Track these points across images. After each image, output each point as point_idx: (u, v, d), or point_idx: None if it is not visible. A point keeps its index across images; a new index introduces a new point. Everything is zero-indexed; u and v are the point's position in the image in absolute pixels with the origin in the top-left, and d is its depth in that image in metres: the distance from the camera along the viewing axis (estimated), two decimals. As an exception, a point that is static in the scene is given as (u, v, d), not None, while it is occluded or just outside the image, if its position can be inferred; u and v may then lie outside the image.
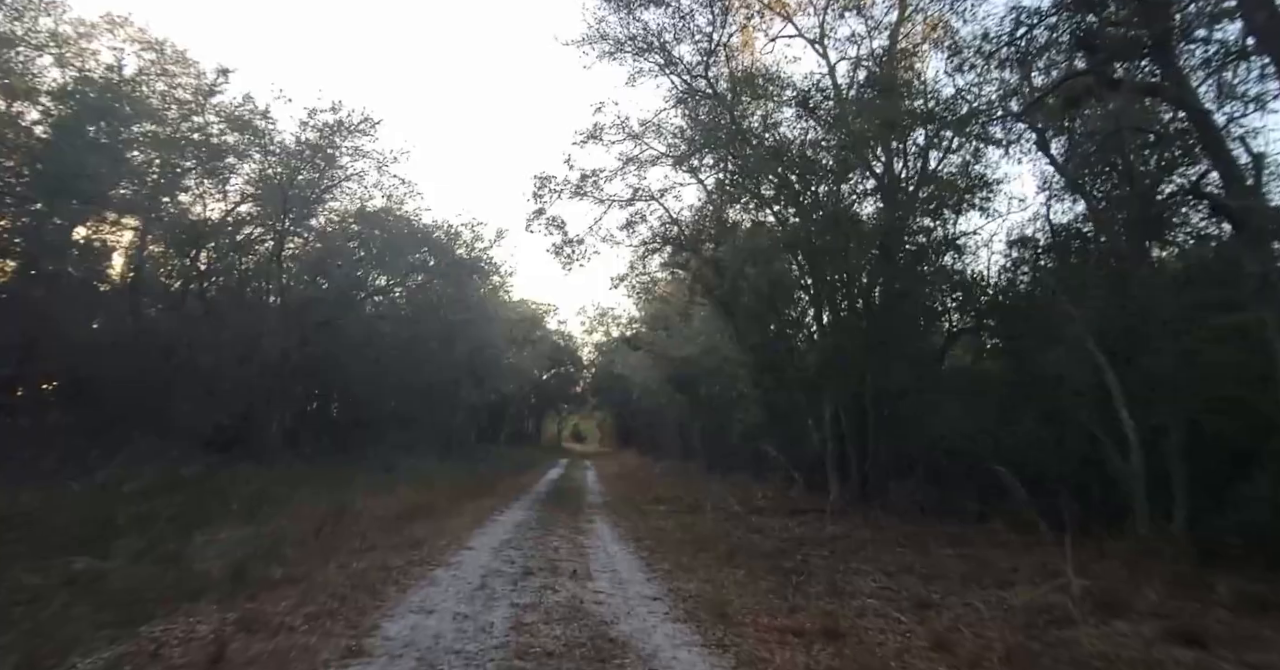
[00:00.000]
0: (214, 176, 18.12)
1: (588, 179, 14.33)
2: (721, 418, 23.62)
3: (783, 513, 11.60)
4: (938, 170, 11.33)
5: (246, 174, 17.98)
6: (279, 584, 5.54)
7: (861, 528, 9.65)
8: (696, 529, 10.17)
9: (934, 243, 11.62)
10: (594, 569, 7.08)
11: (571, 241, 14.66)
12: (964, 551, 7.77)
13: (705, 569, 7.10)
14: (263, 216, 18.75)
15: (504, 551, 7.93)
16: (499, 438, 43.83)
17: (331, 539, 7.69)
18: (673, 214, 14.65)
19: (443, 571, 6.56)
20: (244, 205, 18.48)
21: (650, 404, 37.40)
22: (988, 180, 11.33)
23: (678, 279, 23.76)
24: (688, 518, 11.88)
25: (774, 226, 13.60)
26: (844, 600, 5.65)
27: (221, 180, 17.91)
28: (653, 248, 15.90)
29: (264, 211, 18.55)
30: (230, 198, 18.55)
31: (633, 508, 13.56)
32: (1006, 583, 6.09)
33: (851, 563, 7.33)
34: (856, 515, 10.66)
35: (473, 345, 30.25)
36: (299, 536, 7.64)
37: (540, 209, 14.27)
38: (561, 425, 67.04)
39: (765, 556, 7.59)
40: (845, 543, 8.66)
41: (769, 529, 10.08)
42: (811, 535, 9.42)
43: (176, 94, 17.48)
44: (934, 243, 11.62)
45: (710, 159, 13.85)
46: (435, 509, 11.39)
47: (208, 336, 18.72)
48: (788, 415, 14.80)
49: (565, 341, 47.69)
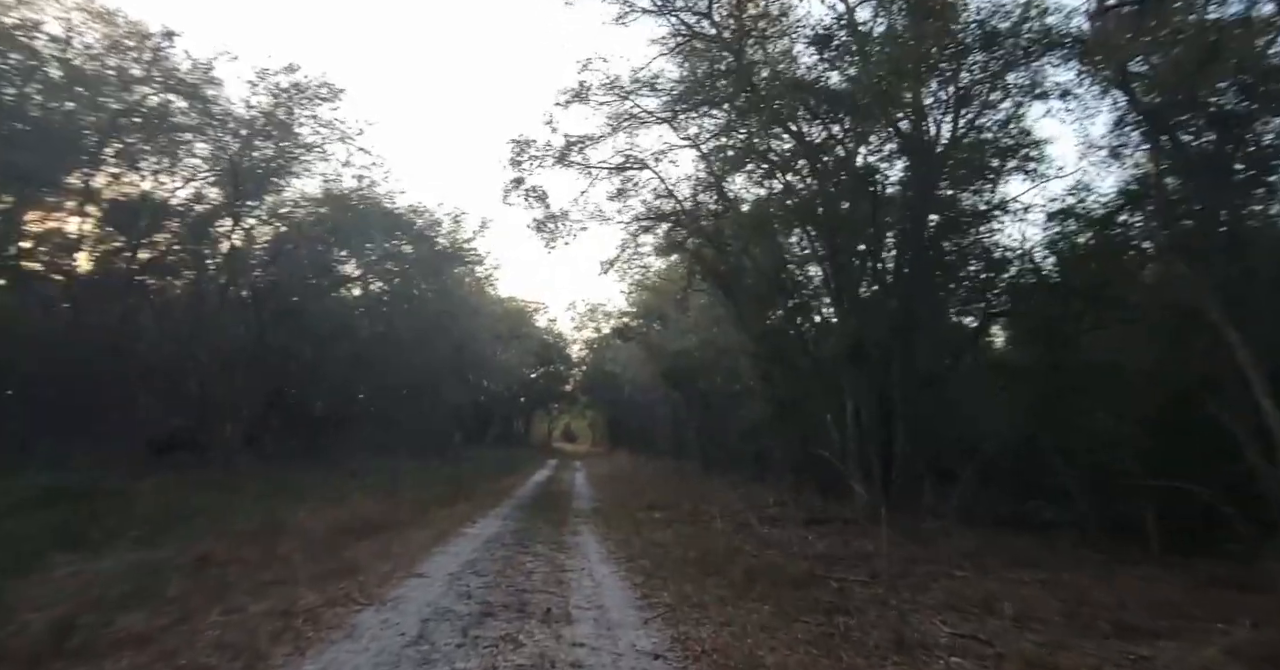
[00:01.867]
0: (163, 153, 16.35)
1: (573, 146, 12.68)
2: (719, 415, 22.07)
3: (798, 522, 10.03)
4: (977, 124, 9.79)
5: (196, 148, 16.19)
6: (119, 645, 3.90)
7: (901, 542, 8.06)
8: (700, 543, 8.57)
9: (971, 210, 10.08)
10: (575, 604, 5.47)
11: (555, 216, 13.02)
12: (1041, 575, 6.21)
13: (718, 603, 5.51)
14: (216, 198, 16.99)
15: (463, 578, 6.31)
16: (486, 438, 42.07)
17: (238, 568, 6.03)
18: (669, 185, 13.03)
19: (371, 615, 4.93)
20: (194, 183, 16.70)
21: (643, 401, 35.85)
22: (1034, 136, 9.80)
23: (672, 266, 22.25)
24: (688, 528, 10.29)
25: (782, 196, 12.02)
26: (918, 660, 4.06)
27: (169, 155, 16.11)
28: (646, 225, 14.28)
29: (218, 190, 16.79)
30: (180, 175, 16.77)
31: (625, 515, 11.94)
32: (1128, 628, 4.52)
33: (904, 593, 5.75)
34: (890, 525, 9.10)
35: (455, 341, 28.54)
36: (197, 564, 5.99)
37: (519, 178, 12.63)
38: (552, 425, 65.39)
39: (793, 584, 6.00)
40: (886, 563, 7.07)
41: (786, 543, 8.50)
42: (840, 552, 7.85)
43: (133, 72, 15.66)
44: (971, 210, 10.08)
45: (710, 124, 12.27)
46: (394, 521, 9.74)
47: (154, 329, 16.96)
48: (797, 410, 13.22)
49: (555, 339, 46.04)
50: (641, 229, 14.52)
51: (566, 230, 13.16)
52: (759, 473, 16.45)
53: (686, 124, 12.37)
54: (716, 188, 12.83)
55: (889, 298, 9.38)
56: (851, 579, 6.25)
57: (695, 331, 23.28)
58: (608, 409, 48.00)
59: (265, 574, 5.82)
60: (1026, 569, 6.43)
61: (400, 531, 8.93)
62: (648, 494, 14.98)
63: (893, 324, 9.37)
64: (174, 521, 8.17)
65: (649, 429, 36.77)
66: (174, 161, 16.02)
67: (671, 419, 30.57)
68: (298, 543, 7.31)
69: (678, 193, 13.00)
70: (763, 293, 12.65)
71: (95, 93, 15.28)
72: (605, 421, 52.07)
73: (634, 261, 16.23)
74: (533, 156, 12.36)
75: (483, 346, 33.50)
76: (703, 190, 13.32)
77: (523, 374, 45.21)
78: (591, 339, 43.21)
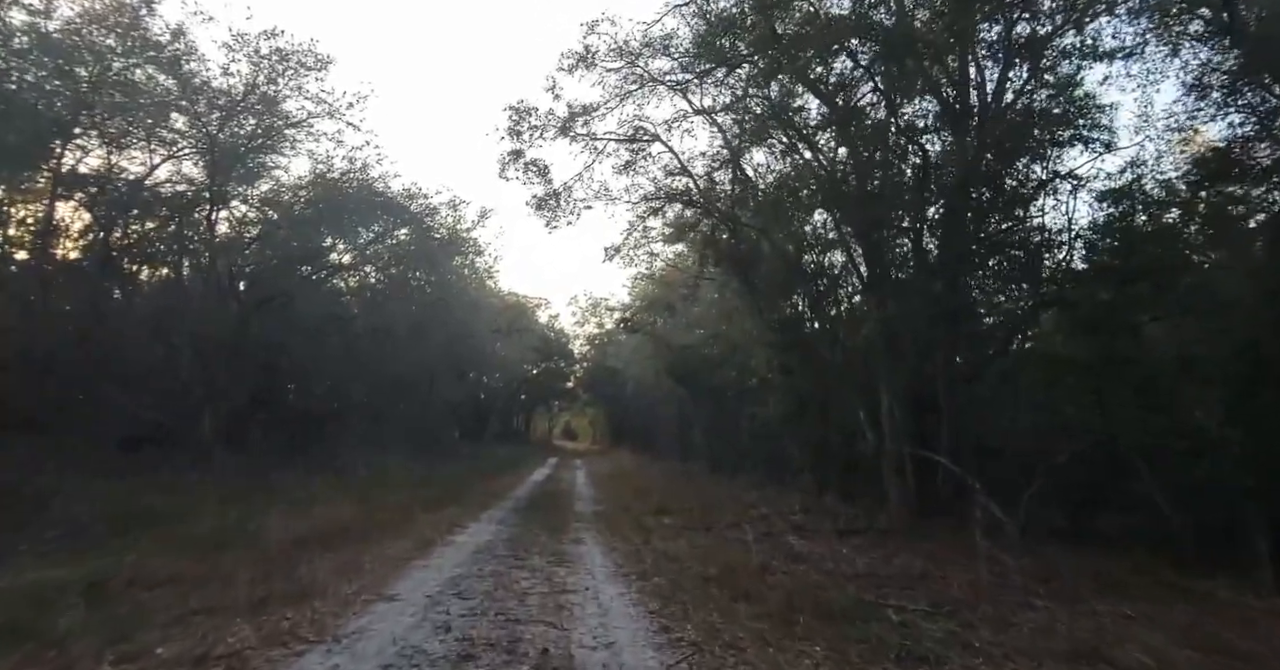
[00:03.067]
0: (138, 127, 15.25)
1: (578, 116, 11.58)
2: (728, 413, 20.96)
3: (827, 532, 8.93)
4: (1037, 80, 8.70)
5: (174, 121, 15.07)
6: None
7: (952, 559, 6.98)
8: (720, 556, 7.49)
9: (1026, 184, 8.98)
10: (579, 641, 4.40)
11: (558, 193, 11.90)
12: (1143, 608, 5.12)
13: (756, 642, 4.42)
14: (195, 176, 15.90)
15: (443, 603, 5.23)
16: (485, 436, 41.02)
17: (168, 590, 4.96)
18: (682, 159, 11.90)
19: (317, 660, 3.84)
20: (170, 161, 15.58)
21: (646, 399, 34.77)
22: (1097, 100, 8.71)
23: (680, 256, 21.16)
24: (703, 537, 9.22)
25: (806, 171, 10.92)
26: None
27: (144, 129, 15.01)
28: (655, 206, 13.18)
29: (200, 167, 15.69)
30: (157, 152, 15.66)
31: (631, 521, 10.87)
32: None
33: (981, 630, 4.66)
34: (932, 538, 8.03)
35: (452, 333, 27.46)
36: (118, 586, 4.92)
37: (518, 150, 11.51)
38: (552, 423, 64.44)
39: (843, 616, 4.91)
40: (943, 587, 6.00)
41: (819, 558, 7.40)
42: (884, 569, 6.76)
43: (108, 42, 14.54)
44: (1026, 184, 8.98)
45: (726, 95, 11.16)
46: (374, 526, 8.67)
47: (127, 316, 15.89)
48: (821, 407, 12.12)
49: (556, 335, 44.97)
50: (650, 211, 13.43)
51: (570, 209, 12.07)
52: (773, 475, 15.35)
53: (701, 93, 11.29)
54: (734, 163, 11.73)
55: (932, 280, 8.28)
56: (912, 609, 5.16)
57: (703, 325, 22.20)
58: (609, 407, 46.97)
59: (197, 598, 4.73)
60: (1122, 599, 5.34)
61: (378, 540, 7.86)
62: (654, 496, 13.89)
63: (937, 310, 8.26)
64: (120, 528, 7.11)
65: (651, 427, 35.71)
66: (149, 135, 14.89)
67: (676, 417, 29.48)
68: (253, 555, 6.23)
69: (692, 168, 11.90)
70: (783, 278, 11.53)
71: (68, 61, 14.20)
72: (606, 420, 51.03)
73: (640, 249, 15.10)
74: (533, 126, 11.26)
75: (482, 341, 32.43)
76: (718, 167, 12.23)
77: (523, 370, 44.18)
78: (593, 335, 42.24)
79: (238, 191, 16.51)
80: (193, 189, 16.21)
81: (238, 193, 16.44)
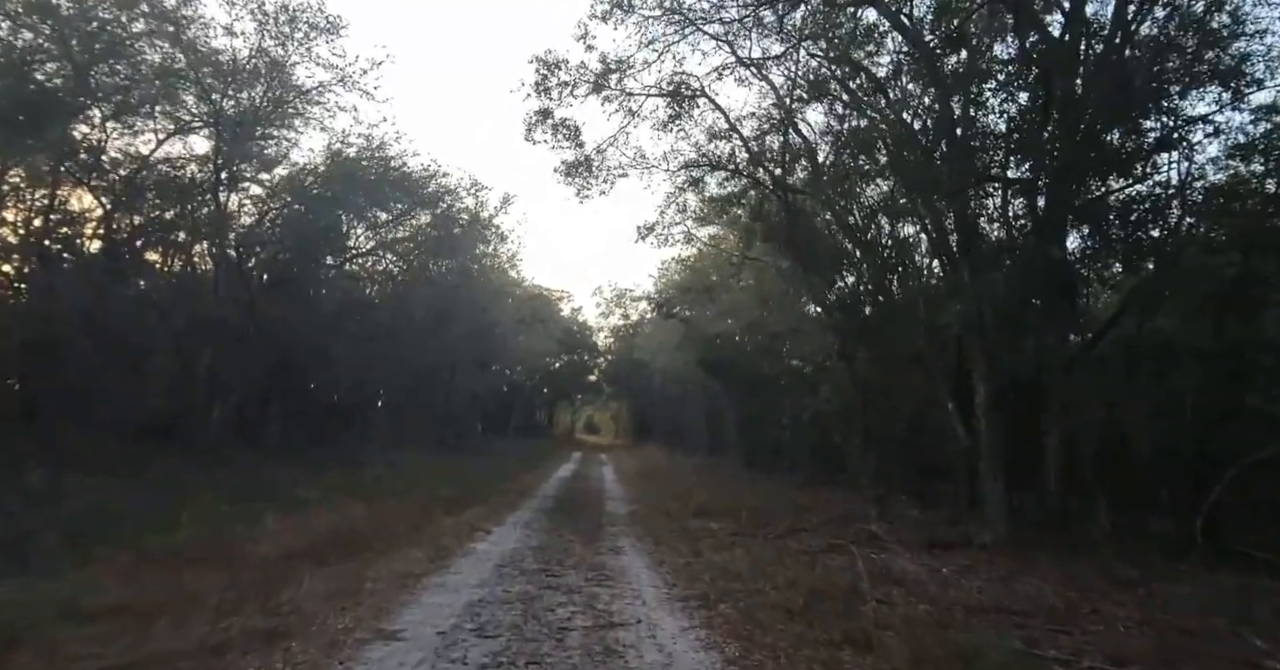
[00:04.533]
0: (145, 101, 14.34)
1: (612, 72, 10.29)
2: (764, 405, 19.58)
3: (911, 544, 7.58)
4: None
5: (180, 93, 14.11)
6: None
7: (1088, 585, 5.61)
8: (791, 573, 6.21)
9: (1142, 133, 7.49)
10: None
11: (589, 158, 10.64)
12: None
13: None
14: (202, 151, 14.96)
15: (459, 642, 4.04)
16: (507, 429, 40.17)
17: (107, 624, 3.83)
18: (729, 117, 10.54)
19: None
20: (178, 137, 14.66)
21: (673, 391, 33.50)
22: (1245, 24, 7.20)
23: (716, 239, 19.83)
24: (760, 547, 7.96)
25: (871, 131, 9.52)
26: None
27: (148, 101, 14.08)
28: (696, 176, 11.86)
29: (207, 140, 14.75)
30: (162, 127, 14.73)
31: (673, 525, 9.63)
32: None
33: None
34: (1047, 555, 6.66)
35: (475, 323, 26.44)
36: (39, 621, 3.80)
37: (545, 109, 10.26)
38: (575, 417, 63.51)
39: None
40: (1102, 627, 4.65)
41: (916, 580, 6.06)
42: (1008, 600, 5.41)
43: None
44: (1142, 133, 7.49)
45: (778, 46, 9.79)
46: (384, 533, 7.55)
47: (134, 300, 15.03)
48: (881, 398, 10.74)
49: (579, 328, 43.89)
50: (690, 182, 12.10)
51: (603, 176, 10.81)
52: (821, 473, 14.01)
53: (751, 43, 9.94)
54: (787, 124, 10.34)
55: (1046, 245, 6.84)
56: (1088, 666, 3.82)
57: (738, 314, 20.84)
58: (633, 400, 45.81)
59: (137, 638, 3.59)
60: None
61: (386, 550, 6.72)
62: (692, 495, 12.63)
63: (1049, 282, 6.85)
64: (83, 537, 6.06)
65: (679, 421, 34.46)
66: (153, 109, 13.95)
67: (706, 410, 28.19)
68: (231, 573, 5.11)
69: (740, 129, 10.52)
70: (843, 253, 10.15)
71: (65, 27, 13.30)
72: (630, 413, 49.87)
73: (676, 227, 13.76)
74: (563, 82, 9.99)
75: (505, 331, 31.40)
76: (769, 130, 10.86)
77: (545, 363, 43.19)
78: (618, 326, 41.08)
79: (249, 170, 15.53)
80: (201, 172, 15.30)
81: (249, 171, 15.45)
